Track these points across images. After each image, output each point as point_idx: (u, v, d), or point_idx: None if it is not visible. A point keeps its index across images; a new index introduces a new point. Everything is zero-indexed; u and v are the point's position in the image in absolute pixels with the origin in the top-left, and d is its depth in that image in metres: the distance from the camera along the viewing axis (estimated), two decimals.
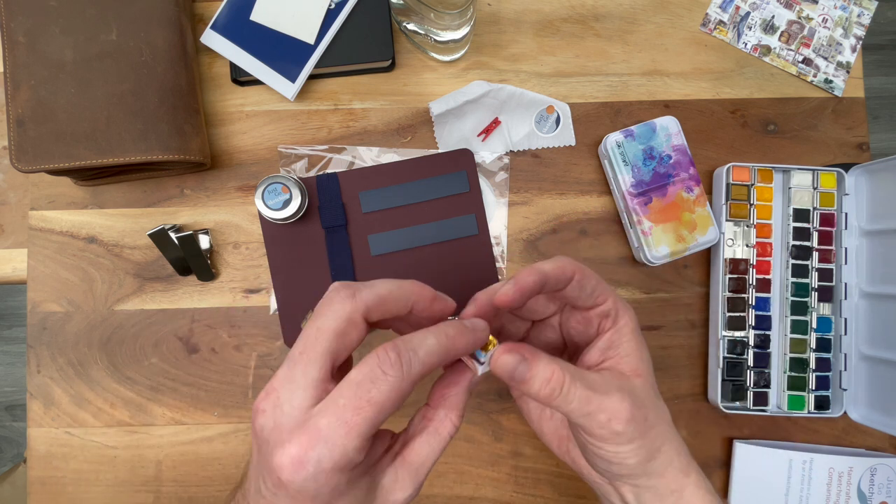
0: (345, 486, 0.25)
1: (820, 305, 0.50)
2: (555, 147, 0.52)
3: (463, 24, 0.47)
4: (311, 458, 0.23)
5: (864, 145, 0.53)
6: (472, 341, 0.28)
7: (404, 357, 0.25)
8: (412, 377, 0.25)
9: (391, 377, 0.25)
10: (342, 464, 0.24)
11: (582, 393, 0.28)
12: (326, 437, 0.24)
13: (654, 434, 0.31)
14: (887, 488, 0.49)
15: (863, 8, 0.54)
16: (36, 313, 0.50)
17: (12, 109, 0.44)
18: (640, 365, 0.32)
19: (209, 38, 0.50)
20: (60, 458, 0.49)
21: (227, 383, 0.50)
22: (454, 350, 0.27)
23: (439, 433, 0.28)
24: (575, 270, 0.31)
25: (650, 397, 0.31)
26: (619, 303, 0.33)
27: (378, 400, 0.24)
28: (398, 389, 0.25)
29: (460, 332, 0.27)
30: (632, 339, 0.32)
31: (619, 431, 0.29)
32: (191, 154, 0.47)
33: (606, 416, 0.29)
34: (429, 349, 0.26)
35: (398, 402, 0.25)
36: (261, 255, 0.51)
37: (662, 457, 0.31)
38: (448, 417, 0.29)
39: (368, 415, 0.24)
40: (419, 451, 0.28)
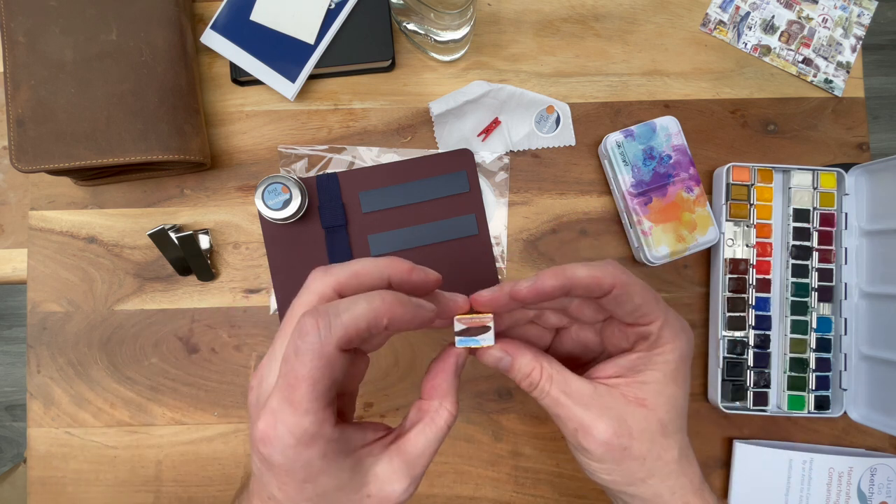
0: (319, 462, 0.25)
1: (820, 305, 0.50)
2: (555, 147, 0.52)
3: (463, 24, 0.47)
4: (273, 436, 0.24)
5: (864, 145, 0.53)
6: (414, 316, 0.26)
7: (322, 321, 0.24)
8: (333, 340, 0.24)
9: (309, 344, 0.24)
10: (304, 439, 0.24)
11: (555, 395, 0.29)
12: (278, 416, 0.24)
13: (636, 466, 0.29)
14: (887, 488, 0.49)
15: (863, 8, 0.54)
16: (36, 313, 0.50)
17: (12, 109, 0.44)
18: (655, 399, 0.29)
19: (209, 38, 0.50)
20: (60, 458, 0.49)
21: (227, 383, 0.50)
22: (389, 317, 0.25)
23: (435, 423, 0.28)
24: (615, 284, 0.27)
25: (647, 431, 0.29)
26: (668, 331, 0.29)
27: (304, 373, 0.24)
28: (321, 356, 0.24)
29: (399, 301, 0.25)
30: (660, 371, 0.30)
31: (585, 448, 0.29)
32: (191, 154, 0.47)
33: (574, 427, 0.29)
34: (355, 312, 0.24)
35: (328, 369, 0.24)
36: (261, 255, 0.51)
37: (646, 488, 0.30)
38: (443, 406, 0.28)
39: (304, 389, 0.24)
40: (415, 442, 0.28)
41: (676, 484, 0.30)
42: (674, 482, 0.30)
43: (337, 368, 0.25)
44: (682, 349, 0.30)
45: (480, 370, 0.51)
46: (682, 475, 0.30)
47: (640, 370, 0.30)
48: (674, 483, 0.30)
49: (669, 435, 0.30)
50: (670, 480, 0.30)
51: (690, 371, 0.31)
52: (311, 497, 0.25)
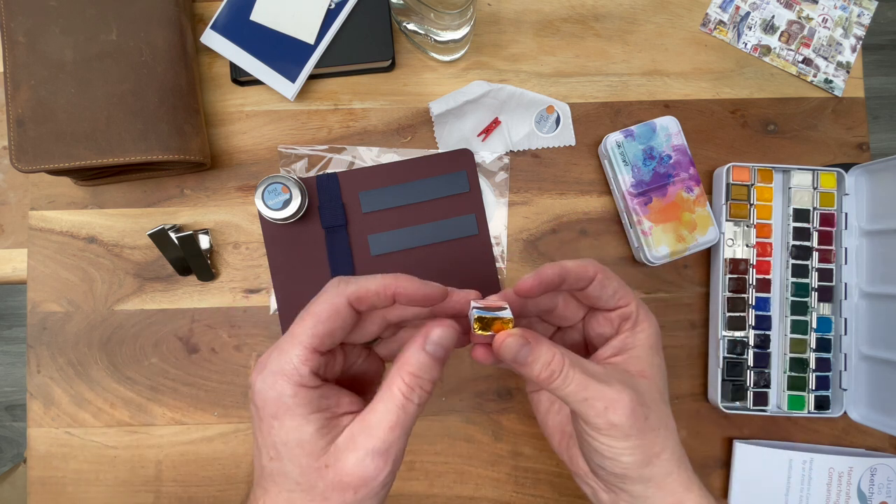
0: (290, 399, 0.27)
1: (820, 305, 0.50)
2: (555, 147, 0.52)
3: (463, 24, 0.47)
4: (266, 363, 0.28)
5: (864, 145, 0.53)
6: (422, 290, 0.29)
7: (343, 281, 0.29)
8: (345, 294, 0.29)
9: (326, 293, 0.29)
10: (285, 370, 0.27)
11: (580, 377, 0.29)
12: (278, 347, 0.28)
13: (654, 437, 0.30)
14: (887, 488, 0.49)
15: (863, 8, 0.54)
16: (36, 313, 0.50)
17: (12, 109, 0.44)
18: (650, 369, 0.32)
19: (209, 38, 0.50)
20: (60, 458, 0.49)
21: (227, 383, 0.50)
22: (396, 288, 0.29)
23: (390, 390, 0.27)
24: (598, 271, 0.32)
25: (655, 400, 0.31)
26: (642, 310, 0.33)
27: (313, 310, 0.28)
28: (332, 303, 0.28)
29: (410, 281, 0.29)
30: (645, 345, 0.33)
31: (616, 423, 0.29)
32: (191, 154, 0.47)
33: (603, 405, 0.29)
34: (369, 283, 0.29)
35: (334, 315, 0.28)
36: (261, 255, 0.51)
37: (661, 465, 0.30)
38: (398, 374, 0.27)
39: (307, 323, 0.28)
40: (373, 411, 0.27)
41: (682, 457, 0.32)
42: (680, 455, 0.32)
43: (340, 318, 0.28)
44: (654, 325, 0.34)
45: (479, 370, 0.51)
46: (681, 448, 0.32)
47: (630, 346, 0.33)
48: (680, 456, 0.32)
49: (666, 403, 0.33)
50: (677, 453, 0.32)
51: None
52: (275, 444, 0.27)
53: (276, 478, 0.27)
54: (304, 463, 0.26)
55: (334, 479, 0.26)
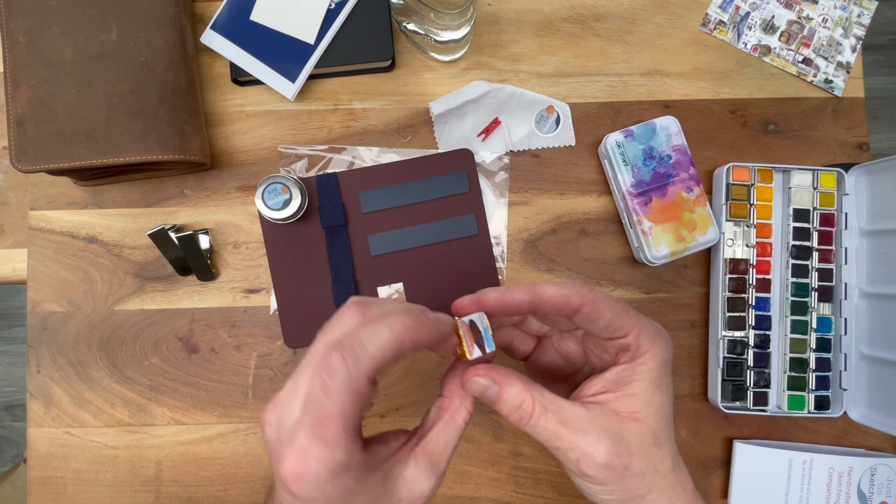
0: (354, 485, 0.25)
1: (820, 305, 0.50)
2: (555, 147, 0.52)
3: (463, 24, 0.47)
4: (306, 473, 0.24)
5: (864, 145, 0.53)
6: (435, 332, 0.27)
7: (349, 356, 0.24)
8: (362, 375, 0.24)
9: (338, 381, 0.24)
10: (337, 471, 0.24)
11: (552, 426, 0.28)
12: (310, 452, 0.24)
13: (636, 483, 0.29)
14: (887, 488, 0.49)
15: (863, 8, 0.54)
16: (36, 313, 0.50)
17: (12, 109, 0.44)
18: (644, 409, 0.29)
19: (209, 38, 0.50)
20: (60, 458, 0.49)
21: (227, 383, 0.50)
22: (414, 341, 0.25)
23: (455, 420, 0.29)
24: (583, 303, 0.29)
25: (643, 445, 0.29)
26: (646, 339, 0.30)
27: (334, 411, 0.24)
28: (351, 391, 0.24)
29: (421, 323, 0.26)
30: (645, 380, 0.30)
31: (588, 474, 0.29)
32: (191, 154, 0.47)
33: (575, 456, 0.28)
34: (381, 343, 0.24)
35: (359, 402, 0.24)
36: (261, 255, 0.51)
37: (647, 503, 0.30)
38: (463, 405, 0.29)
39: (335, 425, 0.24)
40: (437, 441, 0.28)
41: (672, 494, 0.30)
42: (670, 493, 0.30)
43: (366, 399, 0.25)
44: (661, 355, 0.30)
45: None
46: (677, 484, 0.31)
47: (626, 382, 0.30)
48: (671, 494, 0.30)
49: (662, 445, 0.30)
50: (667, 492, 0.30)
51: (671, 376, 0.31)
52: None
53: None
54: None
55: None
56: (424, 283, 0.50)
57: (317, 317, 0.50)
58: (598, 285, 0.52)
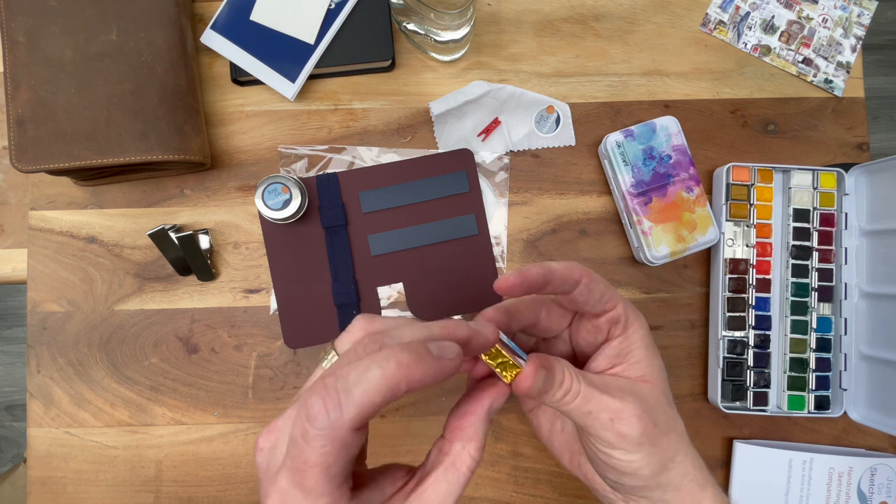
0: None
1: (820, 305, 0.50)
2: (555, 147, 0.52)
3: (463, 24, 0.47)
4: None
5: (864, 145, 0.53)
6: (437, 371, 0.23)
7: (331, 402, 0.21)
8: (345, 425, 0.21)
9: (318, 429, 0.21)
10: None
11: (583, 390, 0.28)
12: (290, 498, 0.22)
13: (667, 441, 0.30)
14: (887, 488, 0.49)
15: (863, 8, 0.54)
16: (36, 313, 0.50)
17: (12, 109, 0.44)
18: (650, 371, 0.31)
19: (209, 38, 0.50)
20: (60, 458, 0.49)
21: (227, 383, 0.50)
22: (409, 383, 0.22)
23: (457, 468, 0.25)
24: (583, 274, 0.30)
25: (660, 403, 0.30)
26: (630, 310, 0.32)
27: (314, 461, 0.21)
28: (333, 440, 0.21)
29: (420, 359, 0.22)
30: (641, 346, 0.31)
31: (624, 433, 0.28)
32: (191, 154, 0.47)
33: (608, 416, 0.28)
34: (369, 386, 0.21)
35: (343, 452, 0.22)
36: (261, 255, 0.51)
37: (677, 468, 0.30)
38: (466, 450, 0.26)
39: (315, 475, 0.22)
40: (436, 489, 0.25)
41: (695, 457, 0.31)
42: (693, 455, 0.31)
43: (352, 448, 0.22)
44: (644, 323, 0.32)
45: None
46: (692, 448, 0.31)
47: (627, 352, 0.31)
48: (694, 456, 0.31)
49: (671, 404, 0.31)
50: (691, 454, 0.31)
51: None
52: None
53: None
54: None
55: None
56: (424, 283, 0.50)
57: (317, 317, 0.50)
58: None
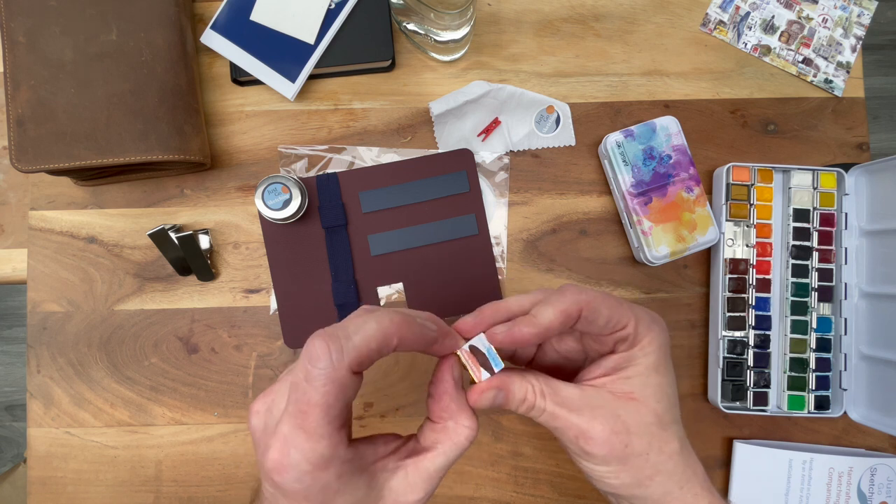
0: (335, 483, 0.25)
1: (820, 305, 0.50)
2: (555, 147, 0.52)
3: (463, 24, 0.47)
4: (288, 463, 0.24)
5: (864, 145, 0.53)
6: (421, 334, 0.26)
7: (333, 345, 0.24)
8: (346, 365, 0.24)
9: (321, 369, 0.23)
10: (319, 464, 0.24)
11: (550, 408, 0.29)
12: (291, 443, 0.24)
13: (641, 462, 0.29)
14: (887, 488, 0.49)
15: (863, 8, 0.54)
16: (36, 313, 0.50)
17: (12, 109, 0.44)
18: (642, 390, 0.30)
19: (209, 38, 0.50)
20: (60, 458, 0.49)
21: (227, 383, 0.50)
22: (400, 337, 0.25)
23: (456, 442, 0.28)
24: (581, 307, 0.28)
25: (644, 424, 0.29)
26: (641, 327, 0.30)
27: (316, 400, 0.23)
28: (333, 380, 0.24)
29: (408, 321, 0.25)
30: (641, 363, 0.30)
31: (588, 452, 0.29)
32: (191, 154, 0.47)
33: (573, 434, 0.29)
34: (366, 334, 0.24)
35: (342, 393, 0.24)
36: (261, 255, 0.51)
37: (656, 486, 0.30)
38: (460, 424, 0.28)
39: (317, 415, 0.24)
40: (434, 460, 0.28)
41: (683, 477, 0.30)
42: (680, 476, 0.30)
43: (350, 391, 0.24)
44: (658, 340, 0.30)
45: None
46: (687, 468, 0.30)
47: (623, 367, 0.30)
48: (680, 477, 0.30)
49: (667, 426, 0.30)
50: (676, 475, 0.30)
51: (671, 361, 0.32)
52: None
53: None
54: None
55: None
56: (424, 283, 0.50)
57: (317, 317, 0.50)
58: (598, 285, 0.52)
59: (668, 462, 0.30)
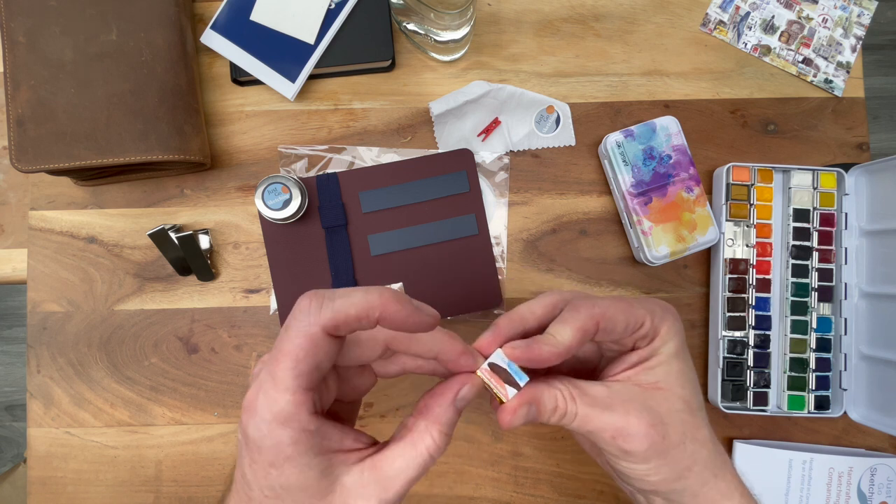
0: (289, 447, 0.24)
1: (820, 305, 0.50)
2: (555, 147, 0.52)
3: (463, 24, 0.47)
4: (254, 407, 0.24)
5: (864, 145, 0.53)
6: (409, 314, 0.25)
7: (315, 302, 0.24)
8: (320, 322, 0.24)
9: (298, 322, 0.24)
10: (279, 417, 0.24)
11: (582, 411, 0.28)
12: (262, 388, 0.24)
13: (679, 453, 0.28)
14: (887, 488, 0.49)
15: (863, 8, 0.54)
16: (36, 313, 0.50)
17: (12, 109, 0.44)
18: (666, 378, 0.29)
19: (209, 38, 0.50)
20: (60, 458, 0.49)
21: (227, 383, 0.50)
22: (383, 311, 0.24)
23: (415, 446, 0.26)
24: (597, 320, 0.28)
25: (674, 411, 0.29)
26: (658, 318, 0.30)
27: (287, 349, 0.24)
28: (306, 335, 0.24)
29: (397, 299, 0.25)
30: (664, 352, 0.30)
31: (627, 450, 0.28)
32: (191, 154, 0.47)
33: (610, 434, 0.28)
34: (349, 301, 0.24)
35: (311, 349, 0.24)
36: (261, 255, 0.51)
37: (694, 477, 0.29)
38: (428, 431, 0.26)
39: (285, 365, 0.24)
40: (391, 462, 0.25)
41: (716, 465, 0.30)
42: (713, 463, 0.30)
43: (321, 351, 0.24)
44: (674, 327, 0.30)
45: None
46: (718, 455, 0.30)
47: (645, 359, 0.30)
48: (713, 464, 0.30)
49: (695, 412, 0.30)
50: (710, 463, 0.30)
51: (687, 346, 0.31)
52: (273, 487, 0.24)
53: None
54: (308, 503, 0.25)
55: None
56: (424, 283, 0.50)
57: None
58: (598, 285, 0.52)
59: (702, 450, 0.29)
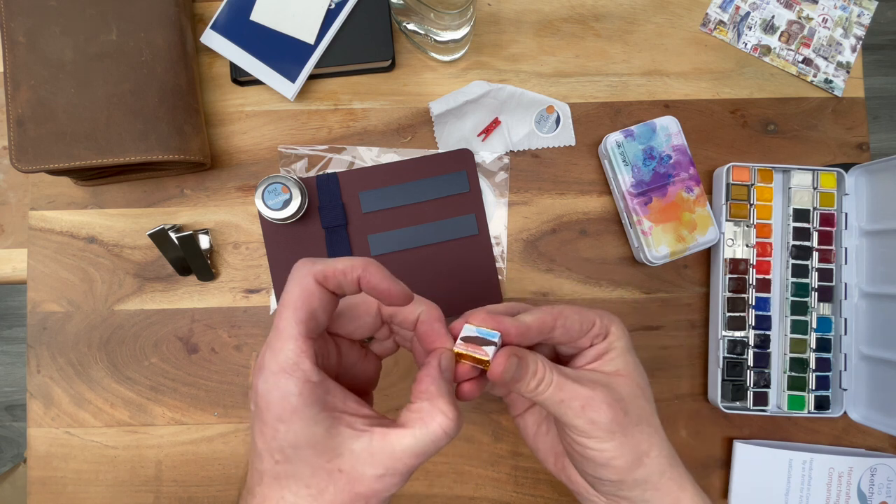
0: (296, 398, 0.25)
1: (820, 305, 0.50)
2: (555, 147, 0.52)
3: (463, 24, 0.47)
4: (263, 362, 0.26)
5: (864, 145, 0.53)
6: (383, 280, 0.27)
7: (310, 260, 0.28)
8: (312, 272, 0.27)
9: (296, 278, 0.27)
10: (285, 366, 0.25)
11: (556, 379, 0.30)
12: (269, 344, 0.26)
13: (638, 434, 0.31)
14: (887, 488, 0.49)
15: (863, 8, 0.54)
16: (36, 313, 0.50)
17: (12, 109, 0.44)
18: (625, 368, 0.32)
19: (209, 38, 0.50)
20: (60, 458, 0.49)
21: (227, 383, 0.50)
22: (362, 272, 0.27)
23: (427, 425, 0.27)
24: (555, 316, 0.31)
25: (633, 395, 0.32)
26: (606, 319, 0.33)
27: (286, 301, 0.27)
28: (301, 287, 0.27)
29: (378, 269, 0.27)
30: (618, 347, 0.33)
31: (595, 419, 0.30)
32: (191, 154, 0.47)
33: (579, 403, 0.30)
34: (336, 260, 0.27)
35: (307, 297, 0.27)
36: (261, 255, 0.51)
37: (653, 463, 0.31)
38: (436, 408, 0.27)
39: (287, 314, 0.26)
40: (400, 439, 0.26)
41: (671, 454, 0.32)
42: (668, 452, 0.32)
43: (315, 299, 0.27)
44: (621, 328, 0.34)
45: None
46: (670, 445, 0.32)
47: (605, 352, 0.33)
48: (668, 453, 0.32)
49: (649, 400, 0.33)
50: (665, 451, 0.32)
51: None
52: (283, 448, 0.26)
53: (282, 480, 0.26)
54: (317, 464, 0.26)
55: (346, 486, 0.26)
56: (424, 283, 0.50)
57: None
58: (598, 285, 0.52)
59: (657, 436, 0.32)
